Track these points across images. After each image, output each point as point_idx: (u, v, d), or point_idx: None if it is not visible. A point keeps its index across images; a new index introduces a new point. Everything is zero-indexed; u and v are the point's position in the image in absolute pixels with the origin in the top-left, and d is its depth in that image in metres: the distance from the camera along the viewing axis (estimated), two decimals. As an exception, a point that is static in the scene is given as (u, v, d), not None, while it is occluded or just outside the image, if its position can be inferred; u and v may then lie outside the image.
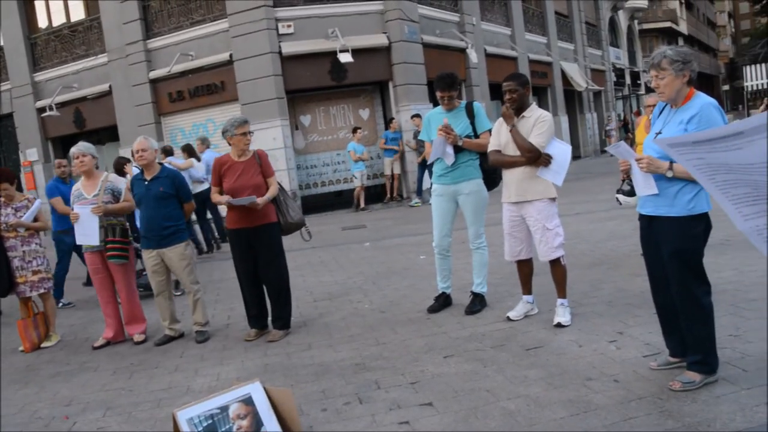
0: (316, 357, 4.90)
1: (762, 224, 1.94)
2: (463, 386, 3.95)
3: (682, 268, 3.49)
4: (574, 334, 4.70)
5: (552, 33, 25.71)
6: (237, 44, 15.00)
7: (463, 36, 18.48)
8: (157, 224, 5.63)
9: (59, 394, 4.76)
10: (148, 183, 5.67)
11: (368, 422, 3.61)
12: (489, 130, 5.41)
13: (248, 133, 5.51)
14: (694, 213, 3.44)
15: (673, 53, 3.44)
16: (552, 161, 4.82)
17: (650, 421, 3.23)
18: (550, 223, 4.90)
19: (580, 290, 5.81)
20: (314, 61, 15.17)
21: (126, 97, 16.91)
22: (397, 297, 6.46)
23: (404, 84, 15.93)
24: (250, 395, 3.44)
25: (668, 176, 3.41)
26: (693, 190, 3.42)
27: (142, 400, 4.40)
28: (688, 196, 3.43)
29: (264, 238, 5.48)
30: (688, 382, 3.52)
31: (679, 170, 3.36)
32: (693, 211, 3.44)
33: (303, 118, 16.12)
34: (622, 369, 3.94)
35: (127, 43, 16.52)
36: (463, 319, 5.41)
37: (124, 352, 5.69)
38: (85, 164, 5.86)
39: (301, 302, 6.56)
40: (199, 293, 5.80)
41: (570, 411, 3.44)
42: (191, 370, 4.94)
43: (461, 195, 5.53)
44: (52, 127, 18.75)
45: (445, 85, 5.45)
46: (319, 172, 16.31)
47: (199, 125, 16.25)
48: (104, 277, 5.98)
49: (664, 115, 3.61)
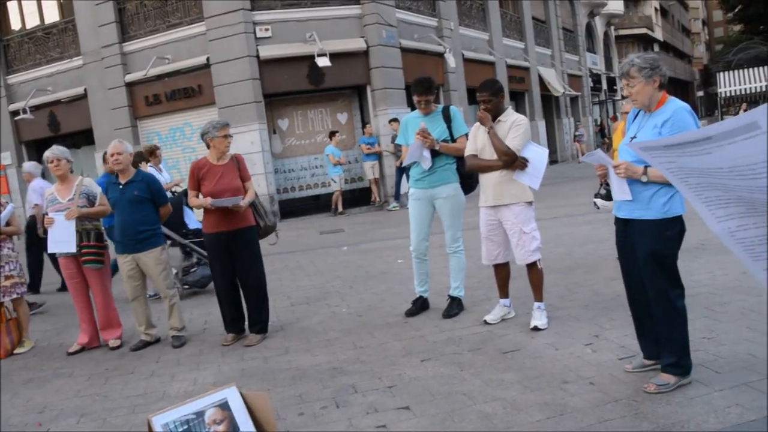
0: (293, 361, 4.87)
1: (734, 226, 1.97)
2: (440, 390, 3.96)
3: (656, 271, 3.54)
4: (551, 337, 4.73)
5: (529, 38, 25.92)
6: (214, 48, 14.92)
7: (441, 41, 18.56)
8: (132, 229, 5.57)
9: (32, 400, 4.69)
10: (122, 187, 5.61)
11: (345, 426, 3.60)
12: (466, 134, 5.44)
13: (229, 135, 5.49)
14: (668, 216, 3.49)
15: (641, 61, 3.50)
16: (528, 165, 4.86)
17: (625, 423, 3.26)
18: (527, 226, 4.93)
19: (556, 294, 5.86)
20: (292, 65, 15.13)
21: (102, 100, 16.73)
22: (375, 301, 6.46)
23: (382, 88, 15.95)
24: (227, 400, 3.41)
25: (643, 180, 3.46)
26: (667, 193, 3.47)
27: (117, 406, 4.35)
28: (663, 199, 3.48)
29: (242, 242, 5.46)
30: (663, 384, 3.55)
31: (653, 174, 3.41)
32: (667, 214, 3.49)
33: (281, 121, 16.07)
34: (597, 372, 3.97)
35: (103, 45, 16.35)
36: (441, 322, 5.42)
37: (99, 358, 5.62)
38: (60, 168, 5.78)
39: (278, 306, 6.53)
40: (175, 298, 5.76)
41: (546, 414, 3.46)
42: (167, 375, 4.90)
43: (438, 199, 5.54)
44: (26, 131, 18.49)
45: (423, 89, 5.47)
46: (297, 176, 16.26)
47: (176, 129, 16.14)
48: (79, 282, 5.90)
49: (639, 120, 3.66)
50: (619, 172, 3.52)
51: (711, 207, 1.97)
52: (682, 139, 1.83)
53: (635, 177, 3.47)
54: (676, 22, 62.12)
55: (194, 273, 7.72)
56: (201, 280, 7.73)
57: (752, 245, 1.96)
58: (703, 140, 1.72)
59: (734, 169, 1.73)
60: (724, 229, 2.00)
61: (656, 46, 49.48)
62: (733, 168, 1.72)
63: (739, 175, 1.73)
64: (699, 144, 1.75)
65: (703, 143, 1.73)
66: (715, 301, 5.09)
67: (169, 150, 16.37)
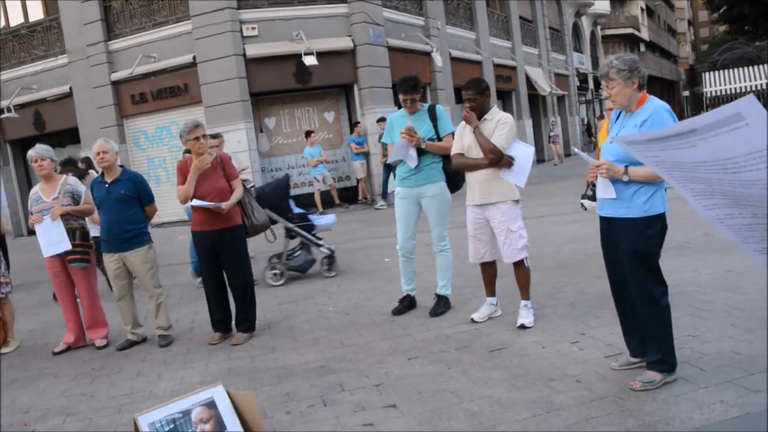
0: (280, 360, 4.87)
1: (721, 214, 1.98)
2: (427, 388, 3.97)
3: (639, 269, 3.57)
4: (538, 335, 4.75)
5: (516, 37, 26.01)
6: (200, 46, 14.87)
7: (428, 40, 18.58)
8: (119, 227, 5.54)
9: (18, 400, 4.65)
10: (108, 186, 5.58)
11: (332, 424, 3.60)
12: (452, 133, 5.45)
13: (201, 137, 5.40)
14: (649, 214, 3.52)
15: (619, 63, 3.53)
16: (515, 163, 4.87)
17: (611, 420, 3.28)
18: (514, 225, 4.95)
19: (543, 292, 5.88)
20: (279, 64, 15.10)
21: (87, 98, 16.63)
22: (362, 299, 6.46)
23: (369, 87, 15.96)
24: (213, 399, 3.41)
25: (624, 180, 3.50)
26: (648, 191, 3.51)
27: (103, 406, 4.33)
28: (644, 198, 3.51)
29: (228, 241, 5.44)
30: (648, 382, 3.58)
31: (634, 174, 3.46)
32: (648, 212, 3.52)
33: (267, 120, 16.04)
34: (584, 369, 3.99)
35: (88, 44, 16.26)
36: (428, 321, 5.43)
37: (85, 357, 5.59)
38: (43, 168, 5.74)
39: (265, 305, 6.52)
40: (162, 297, 5.73)
41: (533, 411, 3.48)
42: (154, 375, 4.88)
43: (424, 198, 5.55)
44: (10, 129, 18.35)
45: (408, 88, 5.48)
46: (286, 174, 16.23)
47: (162, 128, 16.07)
48: (64, 281, 5.87)
49: (620, 120, 3.70)
50: (601, 172, 3.56)
51: (698, 197, 1.98)
52: (667, 132, 1.83)
53: (616, 177, 3.51)
54: (662, 22, 62.56)
55: (297, 258, 7.77)
56: (303, 265, 7.80)
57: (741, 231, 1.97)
58: (687, 133, 1.72)
59: (717, 163, 1.73)
60: (712, 216, 2.01)
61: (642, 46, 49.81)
62: (717, 161, 1.73)
63: (722, 168, 1.73)
64: (683, 137, 1.75)
65: (688, 136, 1.73)
66: (699, 299, 5.13)
67: (155, 149, 16.33)
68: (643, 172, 3.43)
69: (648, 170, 3.39)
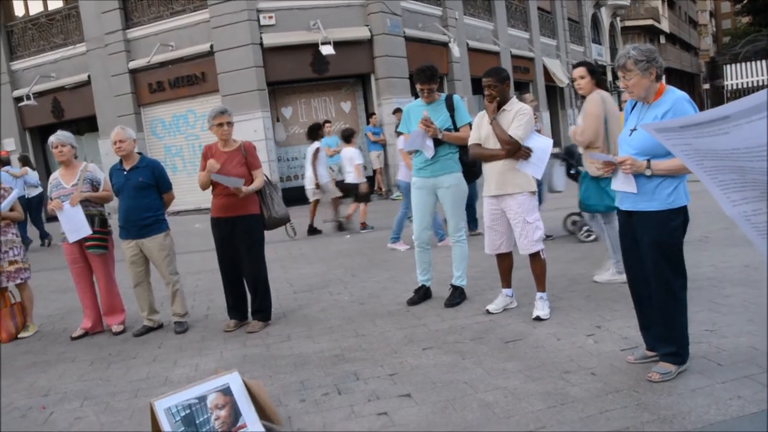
0: (295, 348, 4.89)
1: (749, 210, 1.95)
2: (442, 378, 3.97)
3: (661, 262, 3.53)
4: (553, 327, 4.73)
5: (534, 28, 25.83)
6: (218, 35, 14.90)
7: (445, 30, 18.49)
8: (136, 215, 5.57)
9: (36, 384, 4.71)
10: (127, 173, 5.61)
11: (347, 413, 3.61)
12: (469, 123, 5.42)
13: (225, 124, 5.43)
14: (673, 207, 3.48)
15: (637, 53, 3.47)
16: (532, 154, 4.84)
17: (626, 413, 3.26)
18: (531, 216, 4.93)
19: (559, 284, 5.86)
20: (296, 53, 15.11)
21: (105, 87, 16.74)
22: (377, 289, 6.47)
23: (386, 77, 15.92)
24: (229, 385, 3.43)
25: (647, 174, 3.45)
26: (672, 184, 3.46)
27: (119, 390, 4.37)
28: (667, 191, 3.47)
29: (243, 229, 5.45)
30: (665, 373, 3.56)
31: (657, 168, 3.42)
32: (672, 205, 3.48)
33: (284, 110, 16.05)
34: (599, 362, 3.97)
35: (107, 32, 16.35)
36: (443, 311, 5.43)
37: (102, 343, 5.64)
38: (64, 154, 5.78)
39: (280, 294, 6.55)
40: (178, 284, 5.77)
41: (547, 403, 3.47)
42: (170, 361, 4.91)
43: (441, 188, 5.53)
44: (29, 117, 18.51)
45: (425, 78, 5.45)
46: (300, 164, 16.23)
47: (179, 116, 16.14)
48: (82, 267, 5.92)
49: (637, 112, 3.64)
50: (624, 168, 3.50)
51: (726, 191, 1.95)
52: (699, 119, 1.81)
53: (639, 171, 3.47)
54: (683, 13, 61.73)
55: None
56: None
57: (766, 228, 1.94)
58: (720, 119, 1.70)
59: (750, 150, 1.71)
60: (739, 213, 1.98)
61: (662, 38, 49.23)
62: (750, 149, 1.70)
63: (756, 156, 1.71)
64: (716, 123, 1.72)
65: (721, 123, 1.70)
66: (717, 294, 5.09)
67: (172, 137, 16.41)
68: (665, 166, 3.39)
69: (671, 163, 3.35)
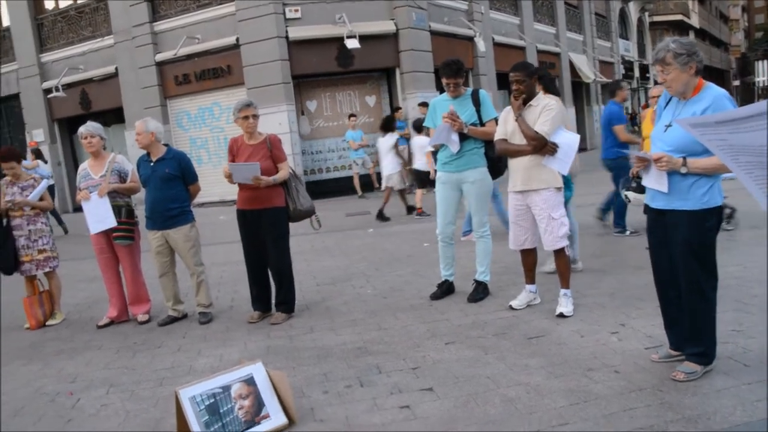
0: (318, 340, 4.92)
1: None
2: (464, 372, 3.97)
3: (693, 262, 3.47)
4: (576, 324, 4.71)
5: (561, 23, 25.59)
6: (243, 28, 14.96)
7: (471, 24, 18.40)
8: (162, 206, 5.64)
9: (64, 370, 4.80)
10: (153, 164, 5.68)
11: (369, 405, 3.63)
12: (495, 118, 5.40)
13: (250, 116, 5.45)
14: (708, 206, 3.41)
15: (677, 46, 3.37)
16: (558, 150, 4.80)
17: (650, 412, 3.24)
18: (556, 212, 4.90)
19: (583, 281, 5.82)
20: (321, 47, 15.12)
21: (132, 79, 16.90)
22: (400, 283, 6.48)
23: (411, 71, 15.88)
24: (252, 376, 3.46)
25: (682, 172, 3.37)
26: (707, 183, 3.38)
27: (144, 379, 4.43)
28: (702, 190, 3.39)
29: (268, 222, 5.48)
30: (691, 372, 3.53)
31: (693, 165, 3.33)
32: (707, 205, 3.41)
33: (309, 103, 16.10)
34: (623, 360, 3.95)
35: (134, 25, 16.50)
36: (466, 306, 5.42)
37: (127, 332, 5.72)
38: (93, 145, 5.86)
39: (304, 286, 6.58)
40: (203, 275, 5.82)
41: (570, 400, 3.46)
42: (194, 351, 4.97)
43: (465, 183, 5.52)
44: (58, 108, 18.76)
45: (451, 72, 5.42)
46: (324, 158, 16.32)
47: (204, 109, 16.25)
48: (109, 257, 6.01)
49: (672, 107, 3.55)
50: (661, 165, 3.41)
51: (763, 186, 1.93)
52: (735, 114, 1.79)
53: (675, 168, 3.37)
54: (714, 8, 60.69)
55: None
56: None
57: None
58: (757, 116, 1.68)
59: None
60: None
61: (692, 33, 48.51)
62: None
63: None
64: (753, 119, 1.71)
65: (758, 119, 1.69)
66: (745, 294, 5.02)
67: (197, 130, 16.53)
68: (702, 164, 3.31)
69: (707, 162, 3.27)
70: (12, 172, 6.14)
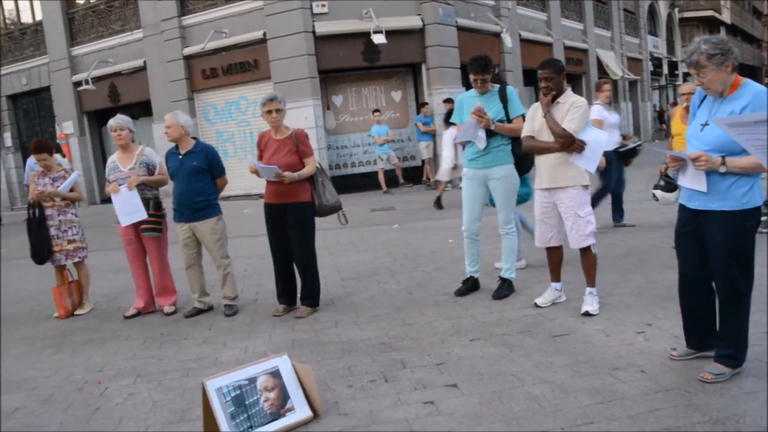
0: (342, 335, 4.94)
1: None
2: (489, 369, 3.97)
3: (730, 264, 3.41)
4: (602, 323, 4.68)
5: (589, 19, 25.33)
6: (271, 22, 15.02)
7: (498, 20, 18.29)
8: (190, 198, 5.69)
9: (92, 359, 4.87)
10: (182, 157, 5.73)
11: (393, 400, 3.64)
12: (522, 115, 5.37)
13: (273, 111, 5.45)
14: (747, 207, 3.34)
15: (709, 47, 3.27)
16: (586, 147, 4.77)
17: (677, 413, 3.21)
18: (583, 210, 4.86)
19: (609, 280, 5.77)
20: (348, 42, 15.13)
21: (160, 72, 17.06)
22: (425, 279, 6.48)
23: (437, 67, 15.83)
24: (278, 368, 3.49)
25: (721, 171, 3.30)
26: (746, 183, 3.31)
27: (171, 369, 4.49)
28: (742, 190, 3.32)
29: (293, 216, 5.50)
30: (719, 374, 3.49)
31: (732, 165, 3.27)
32: (747, 205, 3.34)
33: (335, 98, 16.12)
34: (649, 360, 3.91)
35: (162, 19, 16.64)
36: (491, 303, 5.41)
37: (154, 323, 5.79)
38: (122, 138, 5.92)
39: (328, 281, 6.61)
40: (229, 268, 5.87)
41: (595, 399, 3.44)
42: (219, 343, 5.02)
43: (492, 180, 5.50)
44: (87, 101, 19.01)
45: (479, 68, 5.40)
46: (350, 152, 16.33)
47: (231, 102, 16.35)
48: (137, 248, 6.08)
49: (708, 106, 3.46)
50: (699, 165, 3.32)
51: None
52: None
53: (713, 168, 3.30)
54: (746, 3, 59.57)
55: None
56: None
57: None
58: None
59: None
60: None
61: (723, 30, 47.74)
62: None
63: None
64: None
65: None
66: (775, 295, 4.95)
67: (224, 123, 16.64)
68: (741, 163, 3.24)
69: (747, 161, 3.21)
70: (44, 163, 6.23)
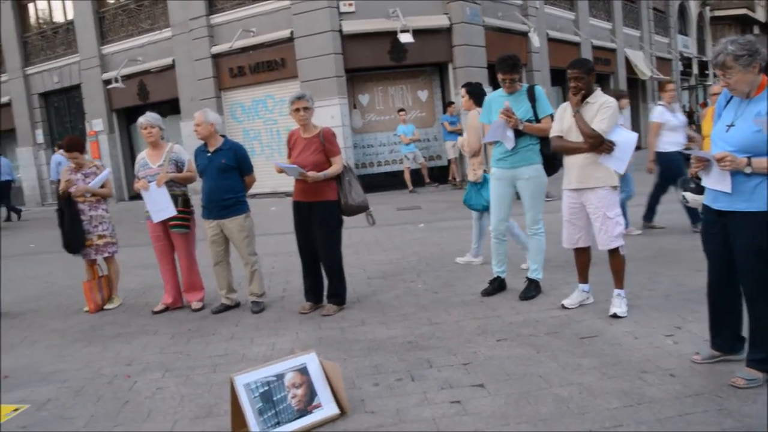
0: (369, 333, 4.95)
1: None
2: (516, 370, 3.95)
3: (757, 265, 3.37)
4: (630, 325, 4.63)
5: (617, 19, 25.04)
6: (298, 21, 15.08)
7: (525, 19, 18.18)
8: (218, 195, 5.74)
9: (121, 353, 4.94)
10: (210, 155, 5.78)
11: (420, 399, 3.65)
12: (551, 114, 5.34)
13: (301, 109, 5.47)
14: None
15: (735, 47, 3.25)
16: (615, 148, 4.72)
17: (707, 418, 3.16)
18: (611, 211, 4.82)
19: (637, 282, 5.71)
20: (374, 41, 15.15)
21: (188, 71, 17.22)
22: (451, 279, 6.47)
23: (464, 66, 15.76)
24: (306, 365, 3.51)
25: (747, 172, 3.28)
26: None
27: (199, 365, 4.54)
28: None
29: (320, 215, 5.53)
30: (752, 380, 3.43)
31: (758, 166, 3.24)
32: None
33: (361, 97, 16.15)
34: (678, 363, 3.87)
35: (191, 18, 16.81)
36: (517, 304, 5.39)
37: (182, 318, 5.86)
38: (152, 135, 6.00)
39: (354, 279, 6.61)
40: (257, 264, 5.91)
41: (623, 402, 3.41)
42: (247, 339, 5.06)
43: (520, 180, 5.47)
44: (116, 99, 19.26)
45: (507, 68, 5.37)
46: (376, 151, 16.35)
47: (258, 101, 16.45)
48: (165, 245, 6.15)
49: (734, 107, 3.44)
50: (724, 165, 3.30)
51: None
52: None
53: (739, 168, 3.28)
54: (780, 2, 58.47)
55: None
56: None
57: None
58: None
59: None
60: None
61: (756, 28, 46.90)
62: None
63: None
64: None
65: None
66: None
67: (251, 121, 16.75)
68: (766, 163, 3.22)
69: None
70: (75, 161, 6.34)
